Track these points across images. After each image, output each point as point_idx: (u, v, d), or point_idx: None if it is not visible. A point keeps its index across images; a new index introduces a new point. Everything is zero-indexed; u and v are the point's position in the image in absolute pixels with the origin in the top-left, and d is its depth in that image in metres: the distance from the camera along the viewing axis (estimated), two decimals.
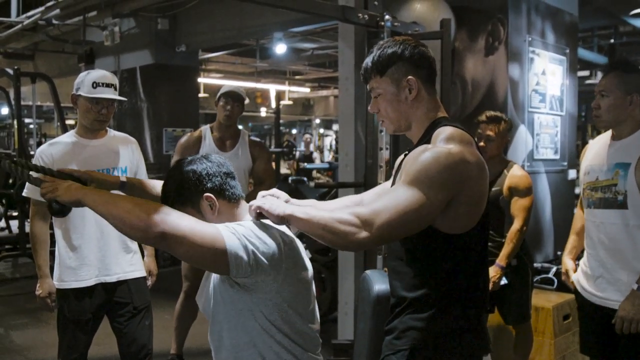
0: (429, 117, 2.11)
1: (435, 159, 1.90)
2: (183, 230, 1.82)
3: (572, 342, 4.51)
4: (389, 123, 2.15)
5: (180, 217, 1.86)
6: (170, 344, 4.60)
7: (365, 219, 1.83)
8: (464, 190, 1.93)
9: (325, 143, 28.85)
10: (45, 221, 3.41)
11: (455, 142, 1.96)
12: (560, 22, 5.88)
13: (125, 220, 1.85)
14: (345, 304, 5.01)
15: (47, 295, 3.38)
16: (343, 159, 4.97)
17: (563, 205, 5.93)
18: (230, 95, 4.53)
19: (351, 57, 4.84)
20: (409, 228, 1.89)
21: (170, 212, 1.86)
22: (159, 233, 1.80)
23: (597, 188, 3.07)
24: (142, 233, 1.83)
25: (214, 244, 1.83)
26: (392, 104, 2.10)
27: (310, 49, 12.72)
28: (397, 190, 1.90)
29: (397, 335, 2.04)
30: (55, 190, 2.07)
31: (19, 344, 5.67)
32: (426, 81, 2.11)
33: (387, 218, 1.84)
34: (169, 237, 1.81)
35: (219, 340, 2.08)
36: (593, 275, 3.10)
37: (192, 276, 4.49)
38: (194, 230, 1.83)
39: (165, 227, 1.80)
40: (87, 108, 3.34)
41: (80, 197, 2.00)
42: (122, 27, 9.03)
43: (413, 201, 1.86)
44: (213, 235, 1.85)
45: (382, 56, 2.11)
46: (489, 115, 3.99)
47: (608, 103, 3.00)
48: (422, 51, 2.11)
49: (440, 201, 1.89)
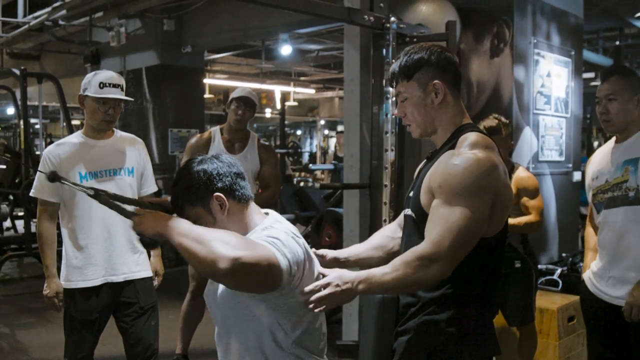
0: (455, 122, 2.14)
1: (466, 168, 1.95)
2: (258, 260, 1.77)
3: (577, 343, 4.51)
4: (415, 127, 2.18)
5: (259, 247, 1.81)
6: (175, 344, 4.60)
7: (430, 254, 1.89)
8: (497, 194, 1.98)
9: (330, 144, 28.83)
10: (52, 221, 3.43)
11: (480, 147, 2.01)
12: (565, 24, 5.88)
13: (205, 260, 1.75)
14: (349, 305, 5.01)
15: (54, 295, 3.39)
16: (348, 160, 4.98)
17: (568, 206, 5.93)
18: (243, 100, 4.54)
19: (356, 58, 4.85)
20: (472, 243, 1.95)
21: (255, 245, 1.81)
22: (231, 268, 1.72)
23: (607, 190, 3.06)
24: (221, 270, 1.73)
25: (273, 271, 1.82)
26: (419, 108, 2.13)
27: (316, 50, 12.71)
28: (443, 213, 1.94)
29: (413, 337, 2.06)
30: (140, 224, 1.95)
31: (24, 344, 5.69)
32: (452, 86, 2.14)
33: (449, 245, 1.89)
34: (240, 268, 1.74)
35: (227, 344, 2.08)
36: (604, 275, 3.09)
37: (198, 276, 4.50)
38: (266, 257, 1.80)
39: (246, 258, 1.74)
40: (94, 108, 3.36)
41: (160, 230, 1.89)
42: (128, 27, 9.07)
43: (463, 218, 1.91)
44: (269, 259, 1.81)
45: (410, 61, 2.14)
46: (487, 127, 3.91)
47: (617, 106, 2.99)
48: (448, 57, 2.14)
49: (485, 208, 1.95)
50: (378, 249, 2.40)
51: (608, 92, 3.02)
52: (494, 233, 2.03)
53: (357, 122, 4.91)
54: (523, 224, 3.91)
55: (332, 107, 23.37)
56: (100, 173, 3.39)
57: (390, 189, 4.09)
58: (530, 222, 3.92)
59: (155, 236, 1.92)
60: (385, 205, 4.10)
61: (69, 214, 3.40)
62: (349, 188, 4.99)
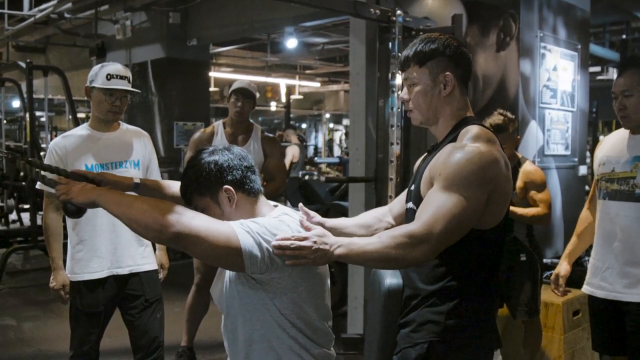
0: (457, 115, 2.14)
1: (468, 159, 1.95)
2: (198, 230, 1.82)
3: (582, 337, 4.51)
4: (418, 114, 2.18)
5: (194, 217, 1.86)
6: (181, 336, 4.62)
7: (421, 234, 1.88)
8: (496, 187, 1.99)
9: (335, 138, 28.83)
10: (58, 213, 3.43)
11: (482, 140, 2.02)
12: (572, 18, 5.86)
13: (140, 221, 1.87)
14: (355, 298, 5.03)
15: (60, 287, 3.40)
16: (354, 154, 4.98)
17: (573, 201, 5.91)
18: (241, 92, 4.54)
19: (362, 52, 4.85)
20: (461, 232, 1.95)
21: (185, 212, 1.86)
22: (174, 233, 1.81)
23: (613, 180, 3.05)
24: (156, 234, 1.85)
25: (229, 243, 1.84)
26: (425, 96, 2.13)
27: (321, 44, 12.71)
28: (439, 198, 1.94)
29: (414, 329, 2.07)
30: (69, 192, 2.07)
31: (30, 336, 5.72)
32: (461, 81, 2.15)
33: (441, 229, 1.89)
34: (184, 237, 1.82)
35: (233, 334, 2.08)
36: (602, 266, 3.09)
37: (203, 269, 4.51)
38: (209, 230, 1.84)
39: (180, 227, 1.81)
40: (101, 99, 3.36)
41: (94, 198, 2.02)
42: (133, 21, 9.07)
43: (458, 206, 1.91)
44: (227, 234, 1.86)
45: (425, 48, 2.13)
46: (493, 125, 3.89)
47: (634, 102, 2.96)
48: (463, 51, 2.15)
49: (480, 200, 1.95)
50: (363, 227, 2.39)
51: (624, 88, 2.98)
52: (493, 225, 2.04)
53: (363, 115, 4.91)
54: (531, 216, 3.91)
55: (337, 101, 23.39)
56: (106, 165, 3.40)
57: (396, 182, 4.08)
58: (538, 214, 3.92)
59: (87, 204, 2.04)
60: (391, 199, 4.09)
61: None
62: (354, 181, 4.99)
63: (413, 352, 2.05)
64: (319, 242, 1.91)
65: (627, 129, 3.09)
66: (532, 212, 3.92)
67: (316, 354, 2.05)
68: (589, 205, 3.37)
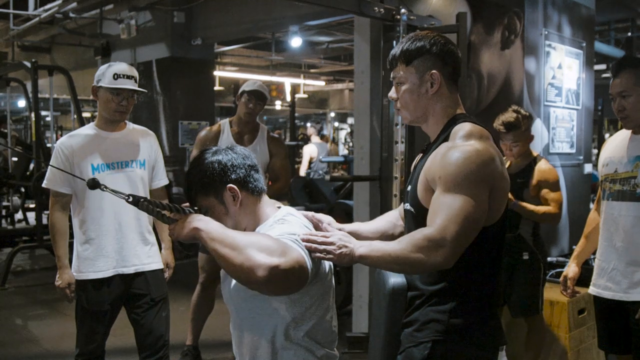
0: (447, 113, 2.13)
1: (466, 158, 1.95)
2: (296, 261, 1.78)
3: (587, 336, 4.50)
4: (406, 112, 2.18)
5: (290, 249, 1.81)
6: (186, 335, 4.63)
7: (436, 238, 1.87)
8: (495, 184, 1.98)
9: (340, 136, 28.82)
10: (64, 212, 3.45)
11: (475, 138, 2.01)
12: (576, 16, 5.85)
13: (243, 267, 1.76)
14: (359, 297, 5.03)
15: (66, 285, 3.42)
16: (358, 152, 4.98)
17: (579, 199, 5.91)
18: (254, 94, 4.55)
19: (367, 50, 4.85)
20: (475, 231, 1.95)
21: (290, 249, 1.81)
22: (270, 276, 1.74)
23: (616, 180, 3.05)
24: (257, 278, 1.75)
25: (304, 274, 1.83)
26: (412, 95, 2.13)
27: (326, 42, 12.72)
28: (446, 201, 1.93)
29: (418, 328, 2.07)
30: (174, 230, 1.97)
31: (36, 335, 5.73)
32: (449, 79, 2.13)
33: (456, 231, 1.88)
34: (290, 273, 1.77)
35: (240, 335, 2.10)
36: (608, 267, 3.09)
37: (208, 268, 4.52)
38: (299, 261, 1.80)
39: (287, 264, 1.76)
40: (107, 99, 3.37)
41: (194, 234, 1.90)
42: (138, 20, 9.09)
43: (467, 205, 1.91)
44: (300, 261, 1.81)
45: (412, 47, 2.13)
46: (506, 123, 3.89)
47: (632, 102, 2.96)
48: (450, 49, 2.14)
49: (485, 197, 1.95)
50: (379, 232, 2.41)
51: (621, 89, 2.97)
52: (492, 222, 2.03)
53: (368, 114, 4.91)
54: (541, 213, 3.90)
55: (342, 100, 23.39)
56: (113, 165, 3.41)
57: (400, 181, 4.08)
58: (548, 213, 3.91)
59: (189, 240, 1.93)
60: (396, 197, 4.10)
61: (80, 206, 3.42)
62: (359, 180, 4.99)
63: (417, 352, 2.05)
64: (344, 240, 1.94)
65: (628, 129, 3.09)
66: (543, 209, 3.91)
67: (320, 355, 2.05)
68: (596, 206, 3.36)
